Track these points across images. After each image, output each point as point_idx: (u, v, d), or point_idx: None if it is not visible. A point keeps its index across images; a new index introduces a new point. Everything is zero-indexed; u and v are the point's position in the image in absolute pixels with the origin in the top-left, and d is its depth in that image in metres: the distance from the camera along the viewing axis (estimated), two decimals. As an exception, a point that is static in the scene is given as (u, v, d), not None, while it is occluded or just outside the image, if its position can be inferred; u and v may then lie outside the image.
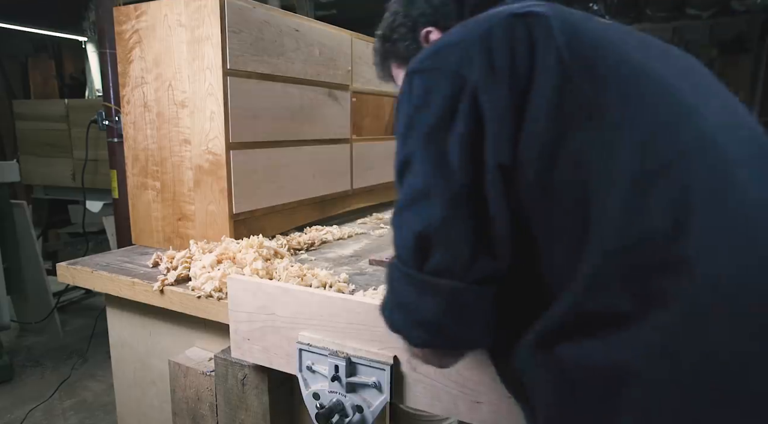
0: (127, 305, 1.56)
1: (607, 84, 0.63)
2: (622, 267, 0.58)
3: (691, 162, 0.59)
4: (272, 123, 1.81)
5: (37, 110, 3.93)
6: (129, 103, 1.79)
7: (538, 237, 0.64)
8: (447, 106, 0.64)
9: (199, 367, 1.33)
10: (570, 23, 0.68)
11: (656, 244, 0.57)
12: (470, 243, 0.62)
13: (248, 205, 1.73)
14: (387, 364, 1.02)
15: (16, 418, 2.51)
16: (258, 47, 1.70)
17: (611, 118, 0.62)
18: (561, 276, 0.62)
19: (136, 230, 1.87)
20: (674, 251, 0.56)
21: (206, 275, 1.35)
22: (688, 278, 0.55)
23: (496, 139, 0.62)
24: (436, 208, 0.62)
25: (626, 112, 0.62)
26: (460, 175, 0.62)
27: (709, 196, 0.57)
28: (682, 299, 0.55)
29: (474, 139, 0.63)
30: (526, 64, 0.64)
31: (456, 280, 0.62)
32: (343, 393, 1.07)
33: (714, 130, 0.62)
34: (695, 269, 0.55)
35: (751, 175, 0.59)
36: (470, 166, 0.62)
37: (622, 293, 0.58)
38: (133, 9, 1.70)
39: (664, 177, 0.58)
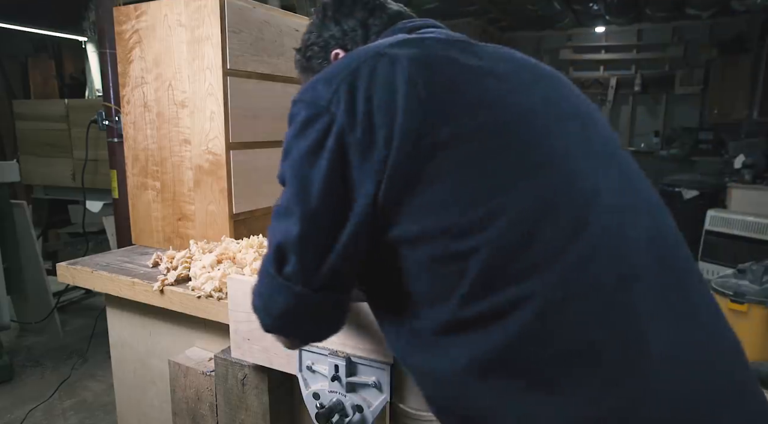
0: (127, 305, 1.56)
1: (461, 122, 0.70)
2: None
3: (543, 175, 0.70)
4: (272, 123, 1.81)
5: (37, 110, 3.93)
6: (129, 103, 1.80)
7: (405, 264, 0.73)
8: (317, 139, 0.72)
9: (199, 367, 1.33)
10: (427, 65, 0.74)
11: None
12: (318, 258, 0.73)
13: (248, 205, 1.73)
14: (387, 363, 1.02)
15: (16, 418, 2.51)
16: (258, 47, 1.70)
17: (464, 151, 0.70)
18: (429, 293, 0.72)
19: (136, 230, 1.87)
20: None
21: (206, 275, 1.35)
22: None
23: (359, 174, 0.71)
24: (293, 226, 0.73)
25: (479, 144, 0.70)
26: (317, 203, 0.72)
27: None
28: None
29: (334, 174, 0.71)
30: (384, 105, 0.70)
31: (303, 286, 0.74)
32: (343, 393, 1.07)
33: (567, 146, 0.73)
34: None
35: (595, 182, 0.71)
36: (329, 197, 0.72)
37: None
38: (133, 9, 1.71)
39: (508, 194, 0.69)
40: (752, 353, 2.89)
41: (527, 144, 0.72)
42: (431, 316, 0.72)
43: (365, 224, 0.72)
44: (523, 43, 8.50)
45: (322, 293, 0.75)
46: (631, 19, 6.84)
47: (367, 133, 0.70)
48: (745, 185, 4.97)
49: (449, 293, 0.69)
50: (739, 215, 4.46)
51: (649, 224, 0.72)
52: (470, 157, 0.70)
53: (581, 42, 7.93)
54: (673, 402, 0.63)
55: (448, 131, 0.69)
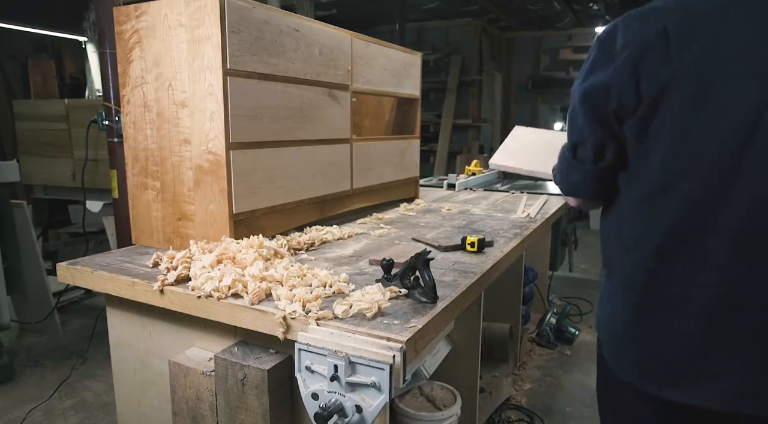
0: (127, 305, 1.56)
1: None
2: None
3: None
4: (272, 123, 1.81)
5: (37, 110, 3.93)
6: (129, 103, 1.80)
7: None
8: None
9: (199, 367, 1.33)
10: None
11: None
12: (592, 148, 1.13)
13: (248, 205, 1.73)
14: (386, 363, 1.02)
15: (16, 418, 2.51)
16: (258, 47, 1.70)
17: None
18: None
19: (136, 230, 1.87)
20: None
21: (206, 274, 1.35)
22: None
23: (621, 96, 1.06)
24: (580, 131, 1.15)
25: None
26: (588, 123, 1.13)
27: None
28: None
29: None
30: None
31: (588, 164, 1.16)
32: (343, 393, 1.07)
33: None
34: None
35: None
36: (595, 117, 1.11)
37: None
38: (133, 9, 1.71)
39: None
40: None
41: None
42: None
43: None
44: (523, 43, 8.50)
45: (599, 169, 1.15)
46: (631, 19, 6.83)
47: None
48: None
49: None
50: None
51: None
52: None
53: (581, 42, 7.94)
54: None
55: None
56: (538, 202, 2.80)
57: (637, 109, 1.02)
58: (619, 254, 1.15)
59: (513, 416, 2.49)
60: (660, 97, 0.99)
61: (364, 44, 2.31)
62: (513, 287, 2.67)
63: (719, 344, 1.00)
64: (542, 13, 7.01)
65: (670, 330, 1.04)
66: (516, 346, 2.81)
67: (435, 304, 1.26)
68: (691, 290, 1.02)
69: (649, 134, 1.03)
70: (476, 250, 1.77)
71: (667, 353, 1.05)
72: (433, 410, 1.63)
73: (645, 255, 1.07)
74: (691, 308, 1.02)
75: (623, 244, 1.13)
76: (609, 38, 1.05)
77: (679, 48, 0.97)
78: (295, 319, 1.17)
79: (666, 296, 1.05)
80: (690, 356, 1.03)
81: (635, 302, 1.09)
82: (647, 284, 1.07)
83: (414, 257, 1.28)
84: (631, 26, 1.03)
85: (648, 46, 0.99)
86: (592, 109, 1.09)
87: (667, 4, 1.02)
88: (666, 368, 1.06)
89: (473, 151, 7.67)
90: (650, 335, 1.07)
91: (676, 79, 0.97)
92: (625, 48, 1.01)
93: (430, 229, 2.18)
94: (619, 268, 1.15)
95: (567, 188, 1.26)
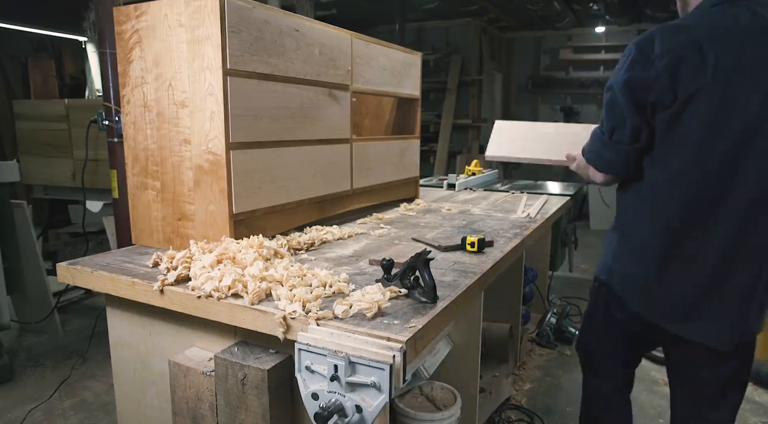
0: (127, 305, 1.56)
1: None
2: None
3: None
4: (272, 123, 1.81)
5: (37, 110, 3.93)
6: (129, 103, 1.80)
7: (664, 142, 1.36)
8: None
9: (199, 367, 1.33)
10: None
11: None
12: (630, 131, 1.37)
13: (248, 205, 1.73)
14: (386, 363, 1.02)
15: (16, 418, 2.51)
16: (258, 47, 1.70)
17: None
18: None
19: (136, 230, 1.87)
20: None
21: (206, 274, 1.35)
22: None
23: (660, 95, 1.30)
24: (621, 115, 1.38)
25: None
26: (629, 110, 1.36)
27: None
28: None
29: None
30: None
31: (623, 145, 1.40)
32: (343, 393, 1.07)
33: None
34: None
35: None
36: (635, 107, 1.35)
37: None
38: (133, 9, 1.71)
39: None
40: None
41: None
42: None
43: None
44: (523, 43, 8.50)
45: (633, 149, 1.39)
46: (631, 19, 6.85)
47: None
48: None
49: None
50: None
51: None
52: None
53: (581, 42, 7.93)
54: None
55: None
56: (538, 203, 2.80)
57: (671, 106, 1.28)
58: (639, 222, 1.44)
59: (513, 416, 2.49)
60: (691, 99, 1.26)
61: (364, 44, 2.31)
62: (513, 287, 2.67)
63: (717, 293, 1.35)
64: (542, 13, 7.01)
65: (682, 282, 1.37)
66: (516, 346, 2.81)
67: (435, 304, 1.26)
68: (698, 252, 1.35)
69: (677, 127, 1.30)
70: (476, 250, 1.77)
71: (679, 300, 1.38)
72: (433, 410, 1.63)
73: (663, 224, 1.37)
74: (697, 266, 1.35)
75: (643, 214, 1.42)
76: (647, 43, 1.30)
77: (709, 62, 1.24)
78: (295, 319, 1.17)
79: (679, 256, 1.36)
80: (696, 302, 1.36)
81: (655, 261, 1.39)
82: (666, 245, 1.38)
83: (414, 257, 1.28)
84: (667, 37, 1.28)
85: (684, 57, 1.25)
86: (634, 97, 1.32)
87: (697, 22, 1.30)
88: (677, 311, 1.39)
89: (473, 151, 7.67)
90: (667, 286, 1.39)
91: (705, 87, 1.25)
92: (663, 54, 1.27)
93: (430, 229, 2.18)
94: (638, 232, 1.44)
95: (601, 165, 1.49)
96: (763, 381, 2.83)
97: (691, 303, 1.37)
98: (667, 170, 1.35)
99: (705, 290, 1.35)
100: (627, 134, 1.37)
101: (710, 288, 1.35)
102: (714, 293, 1.34)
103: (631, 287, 1.46)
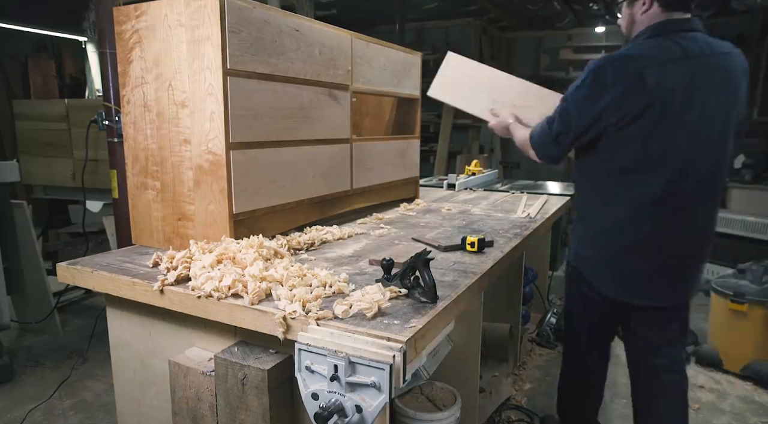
0: (127, 305, 1.56)
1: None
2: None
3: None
4: (272, 123, 1.81)
5: (37, 110, 3.93)
6: (129, 103, 1.80)
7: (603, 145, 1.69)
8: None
9: (199, 367, 1.33)
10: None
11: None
12: (572, 138, 1.68)
13: (248, 205, 1.73)
14: (386, 363, 1.02)
15: (16, 418, 2.51)
16: (258, 47, 1.70)
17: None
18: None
19: (136, 230, 1.87)
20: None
21: (206, 274, 1.35)
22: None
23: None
24: (569, 125, 1.68)
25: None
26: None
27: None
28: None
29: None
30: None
31: (564, 145, 1.72)
32: (343, 393, 1.07)
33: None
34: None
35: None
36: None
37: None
38: (133, 9, 1.71)
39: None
40: (752, 353, 2.88)
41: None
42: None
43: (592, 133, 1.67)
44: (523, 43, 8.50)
45: (562, 146, 1.72)
46: (631, 19, 6.82)
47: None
48: (744, 185, 4.98)
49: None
50: (739, 215, 4.46)
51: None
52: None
53: (581, 42, 7.93)
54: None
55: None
56: (538, 203, 2.80)
57: (620, 121, 1.58)
58: (597, 211, 1.74)
59: (513, 416, 2.49)
60: (637, 117, 1.56)
61: (364, 44, 2.31)
62: (513, 287, 2.67)
63: (660, 272, 1.69)
64: (542, 13, 7.01)
65: (634, 264, 1.69)
66: (516, 346, 2.81)
67: (435, 304, 1.26)
68: (650, 237, 1.65)
69: (624, 135, 1.59)
70: (476, 250, 1.77)
71: (633, 278, 1.71)
72: (433, 410, 1.63)
73: (619, 215, 1.67)
74: (646, 250, 1.67)
75: (600, 204, 1.72)
76: (601, 71, 1.58)
77: (651, 87, 1.52)
78: (295, 319, 1.17)
79: (633, 241, 1.67)
80: (645, 280, 1.71)
81: (613, 245, 1.71)
82: (620, 232, 1.68)
83: (414, 257, 1.28)
84: (618, 67, 1.56)
85: (630, 84, 1.53)
86: (584, 114, 1.62)
87: (640, 52, 1.57)
88: (631, 287, 1.73)
89: (473, 151, 7.67)
90: (622, 266, 1.71)
91: (648, 107, 1.54)
92: (615, 83, 1.55)
93: (430, 229, 2.18)
94: (599, 220, 1.74)
95: (543, 156, 1.81)
96: (763, 381, 2.83)
97: (648, 278, 1.70)
98: (614, 168, 1.65)
99: (657, 267, 1.68)
100: (569, 139, 1.69)
101: (661, 265, 1.68)
102: (665, 269, 1.68)
103: (596, 269, 1.78)
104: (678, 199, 1.61)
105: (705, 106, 1.58)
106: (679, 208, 1.62)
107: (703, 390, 2.80)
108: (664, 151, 1.58)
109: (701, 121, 1.58)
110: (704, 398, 2.71)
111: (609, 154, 1.64)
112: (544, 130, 1.76)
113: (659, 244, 1.65)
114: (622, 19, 1.75)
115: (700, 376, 2.96)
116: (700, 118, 1.57)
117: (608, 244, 1.71)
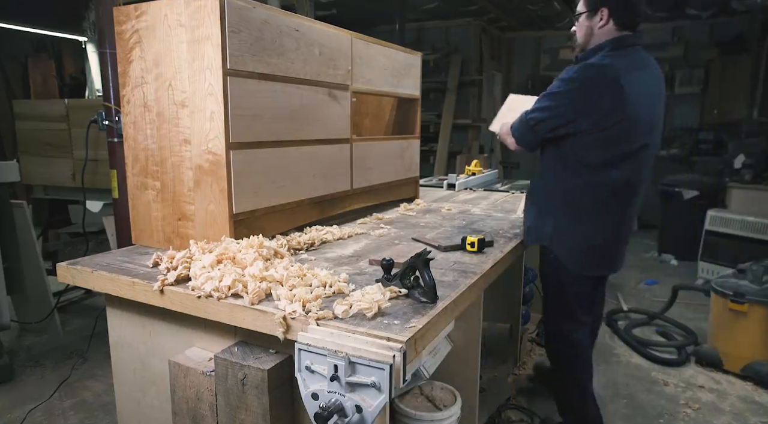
0: (127, 305, 1.56)
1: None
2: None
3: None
4: (272, 123, 1.81)
5: (37, 110, 3.93)
6: (129, 103, 1.80)
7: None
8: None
9: (199, 367, 1.33)
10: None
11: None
12: (547, 129, 1.89)
13: (248, 205, 1.73)
14: (386, 363, 1.02)
15: (16, 418, 2.51)
16: (258, 47, 1.70)
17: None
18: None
19: (136, 230, 1.87)
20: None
21: (206, 274, 1.35)
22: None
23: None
24: (547, 116, 1.89)
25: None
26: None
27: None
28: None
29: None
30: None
31: (540, 133, 1.92)
32: (343, 393, 1.07)
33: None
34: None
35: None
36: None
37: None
38: (133, 9, 1.71)
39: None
40: (752, 353, 2.88)
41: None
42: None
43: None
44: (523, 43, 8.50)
45: (540, 134, 1.93)
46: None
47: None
48: (744, 185, 4.98)
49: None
50: (738, 215, 4.46)
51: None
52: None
53: (581, 42, 7.91)
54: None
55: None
56: (538, 202, 2.80)
57: (598, 123, 1.78)
58: (572, 199, 1.93)
59: (513, 416, 2.49)
60: (620, 120, 1.76)
61: (364, 44, 2.31)
62: (513, 287, 2.67)
63: (622, 251, 2.03)
64: (542, 13, 7.01)
65: (606, 247, 1.97)
66: (516, 346, 2.81)
67: (435, 304, 1.26)
68: (614, 223, 1.94)
69: (602, 136, 1.80)
70: (476, 250, 1.77)
71: (605, 257, 2.00)
72: (433, 410, 1.63)
73: (589, 204, 1.90)
74: (614, 232, 1.95)
75: (573, 193, 1.91)
76: (587, 79, 1.77)
77: (626, 93, 1.73)
78: (295, 319, 1.17)
79: (605, 225, 1.93)
80: (613, 259, 2.01)
81: (586, 232, 1.94)
82: (593, 219, 1.92)
83: (414, 257, 1.28)
84: (600, 77, 1.75)
85: (607, 92, 1.74)
86: (564, 114, 1.82)
87: (615, 63, 1.76)
88: (603, 264, 2.02)
89: (473, 151, 7.67)
90: (595, 249, 1.96)
91: (628, 111, 1.75)
92: (595, 89, 1.76)
93: (430, 229, 2.18)
94: (574, 207, 1.93)
95: (522, 143, 2.00)
96: (763, 381, 2.83)
97: (615, 256, 2.01)
98: (586, 162, 1.86)
99: (619, 247, 2.01)
100: (545, 130, 1.88)
101: (619, 244, 2.00)
102: (621, 246, 2.02)
103: (575, 251, 1.99)
104: (637, 188, 1.90)
105: (655, 113, 1.87)
106: (637, 194, 1.93)
107: (703, 390, 2.80)
108: (632, 148, 1.83)
109: (653, 125, 1.86)
110: (704, 398, 2.71)
111: (581, 150, 1.86)
112: (523, 121, 1.97)
113: (627, 223, 1.98)
114: (579, 29, 1.93)
115: (700, 376, 2.96)
116: (651, 123, 1.85)
117: (586, 230, 1.96)
